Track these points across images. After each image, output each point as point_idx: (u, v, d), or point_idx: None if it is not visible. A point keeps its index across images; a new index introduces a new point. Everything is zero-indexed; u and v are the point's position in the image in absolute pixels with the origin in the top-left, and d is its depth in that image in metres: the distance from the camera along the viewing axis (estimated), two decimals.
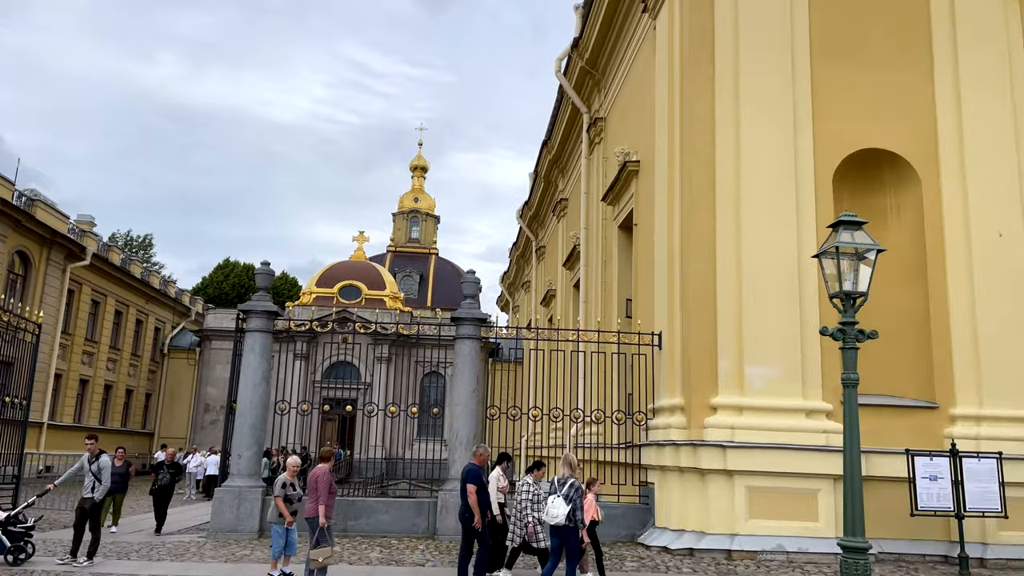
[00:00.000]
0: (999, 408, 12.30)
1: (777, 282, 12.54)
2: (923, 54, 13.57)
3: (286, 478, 9.12)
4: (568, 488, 8.20)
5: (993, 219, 12.90)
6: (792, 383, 12.26)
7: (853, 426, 7.00)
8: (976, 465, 11.29)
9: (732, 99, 13.15)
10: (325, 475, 8.75)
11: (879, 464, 11.78)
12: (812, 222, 12.74)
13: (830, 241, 7.38)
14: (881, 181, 13.62)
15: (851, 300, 7.23)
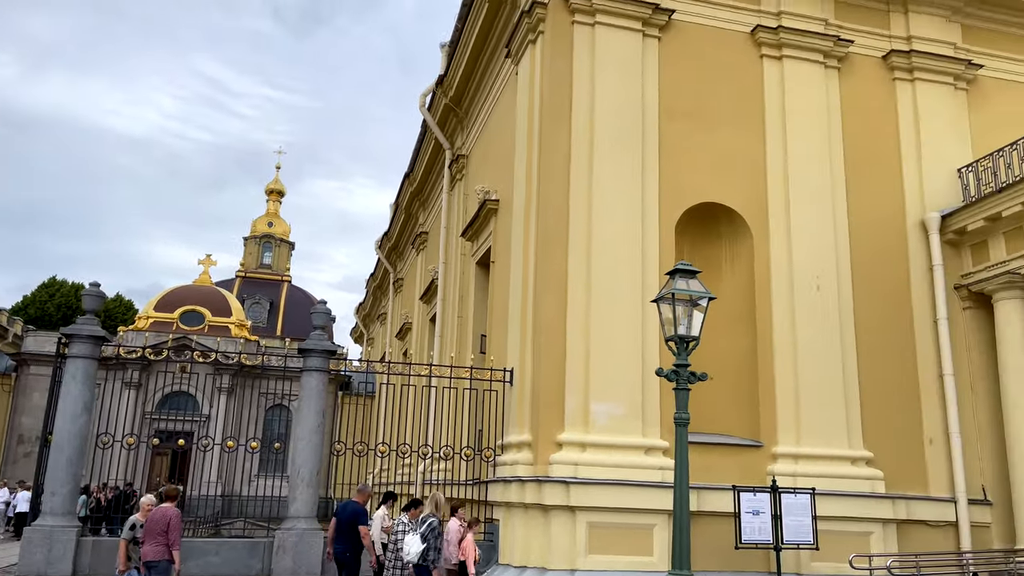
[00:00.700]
0: (814, 447, 13.38)
1: (623, 324, 13.12)
2: (757, 118, 14.81)
3: (137, 518, 8.40)
4: (426, 527, 8.10)
5: (812, 272, 14.15)
6: (633, 421, 12.79)
7: (683, 463, 7.41)
8: (793, 500, 12.19)
9: (587, 147, 13.77)
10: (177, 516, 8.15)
11: (709, 499, 12.45)
12: (656, 268, 13.46)
13: (667, 288, 7.86)
14: (718, 233, 14.65)
15: (684, 344, 7.70)
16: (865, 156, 15.13)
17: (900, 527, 13.36)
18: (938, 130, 15.46)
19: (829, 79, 15.24)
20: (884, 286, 14.58)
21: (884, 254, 14.76)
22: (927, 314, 14.59)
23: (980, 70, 15.97)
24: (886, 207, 15.03)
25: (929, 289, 14.68)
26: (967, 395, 14.30)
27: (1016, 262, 13.74)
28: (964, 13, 16.10)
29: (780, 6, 15.14)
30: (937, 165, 15.27)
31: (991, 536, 13.73)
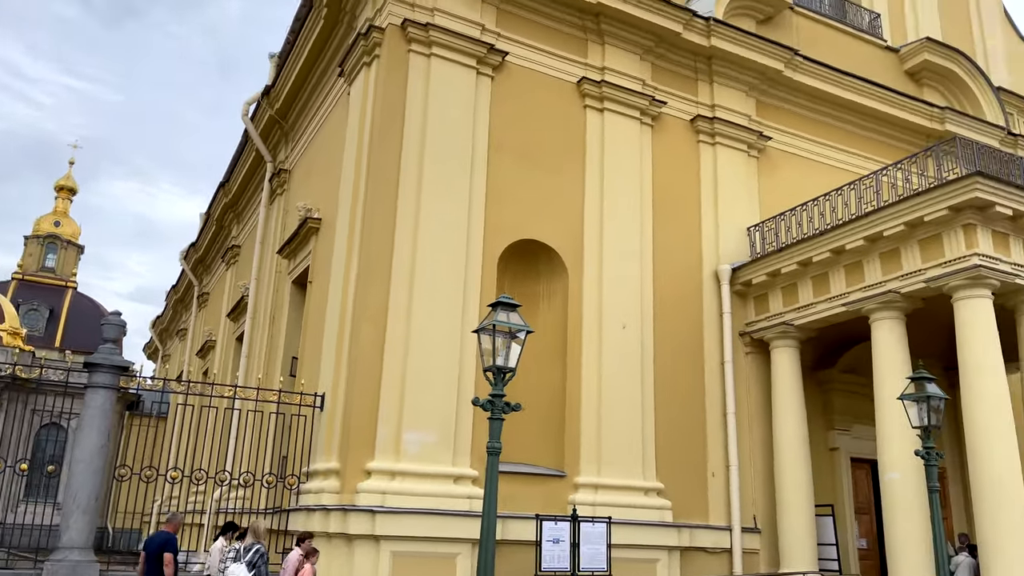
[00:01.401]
0: (613, 477, 14.13)
1: (441, 353, 13.21)
2: (579, 164, 15.66)
3: None
4: (253, 554, 7.67)
5: (619, 312, 15.06)
6: (445, 450, 12.85)
7: (492, 491, 7.56)
8: (591, 528, 12.78)
9: (416, 176, 13.85)
10: None
11: (513, 528, 12.74)
12: (477, 300, 13.73)
13: (488, 319, 8.05)
14: (538, 270, 15.23)
15: (502, 374, 7.91)
16: (671, 209, 16.44)
17: (684, 553, 14.40)
18: (733, 191, 17.16)
19: (644, 135, 16.45)
20: (681, 329, 15.83)
21: (683, 300, 16.04)
22: (716, 357, 15.99)
23: (769, 141, 17.96)
24: (686, 257, 16.39)
25: (719, 334, 16.13)
26: (745, 432, 15.78)
27: (790, 314, 15.46)
28: (759, 90, 18.08)
29: (604, 62, 16.20)
30: (731, 222, 16.91)
31: (759, 561, 15.15)
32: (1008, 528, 11.54)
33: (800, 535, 14.53)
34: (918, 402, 11.01)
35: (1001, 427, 11.97)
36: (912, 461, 12.27)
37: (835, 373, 16.96)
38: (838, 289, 14.61)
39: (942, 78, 20.97)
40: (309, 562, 9.56)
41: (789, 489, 14.82)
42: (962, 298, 12.61)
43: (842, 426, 16.90)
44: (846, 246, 14.16)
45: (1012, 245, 12.84)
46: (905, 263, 13.48)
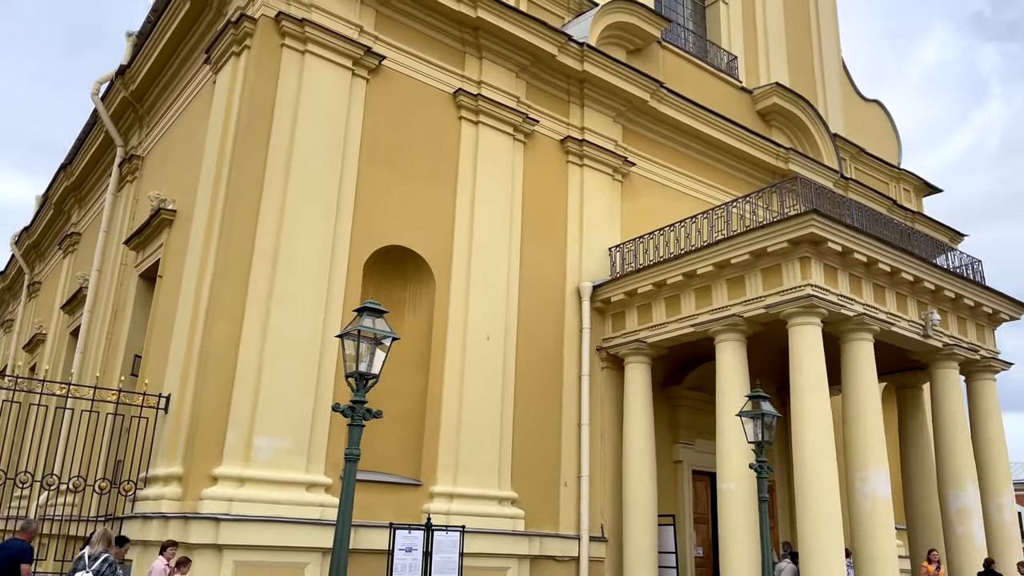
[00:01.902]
0: (468, 487, 14.24)
1: (301, 356, 12.84)
2: (451, 174, 15.74)
3: None
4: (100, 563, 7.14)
5: (484, 323, 15.25)
6: (298, 456, 12.49)
7: (348, 499, 7.44)
8: (444, 537, 12.81)
9: (283, 174, 13.44)
10: None
11: (365, 537, 12.55)
12: (340, 304, 13.47)
13: (353, 324, 7.94)
14: (405, 277, 15.15)
15: (364, 381, 7.81)
16: (539, 225, 16.86)
17: (534, 562, 14.71)
18: (598, 212, 17.82)
19: (516, 151, 16.79)
20: (543, 342, 16.22)
21: (546, 314, 16.45)
22: (574, 371, 16.50)
23: (633, 167, 18.81)
24: (551, 272, 16.84)
25: (578, 349, 16.66)
26: (598, 444, 16.36)
27: (644, 332, 16.23)
28: (626, 117, 18.92)
29: (481, 76, 16.42)
30: (594, 242, 17.55)
31: (604, 569, 15.72)
32: (827, 538, 12.61)
33: (643, 544, 15.21)
34: (754, 419, 11.84)
35: (824, 444, 13.08)
36: (746, 473, 13.17)
37: (682, 390, 17.93)
38: (688, 311, 15.49)
39: (788, 121, 22.79)
40: (180, 572, 9.12)
41: (635, 500, 15.49)
42: (796, 324, 13.71)
43: (686, 440, 17.88)
44: (697, 271, 15.05)
45: (840, 278, 14.12)
46: (749, 290, 14.50)
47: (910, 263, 14.92)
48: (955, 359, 16.25)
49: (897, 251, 14.68)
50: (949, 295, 15.83)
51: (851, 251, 13.89)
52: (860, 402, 13.98)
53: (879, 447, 13.76)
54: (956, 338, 16.23)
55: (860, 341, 14.25)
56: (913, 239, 16.21)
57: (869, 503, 13.43)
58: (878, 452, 13.69)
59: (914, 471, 17.46)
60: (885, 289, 14.94)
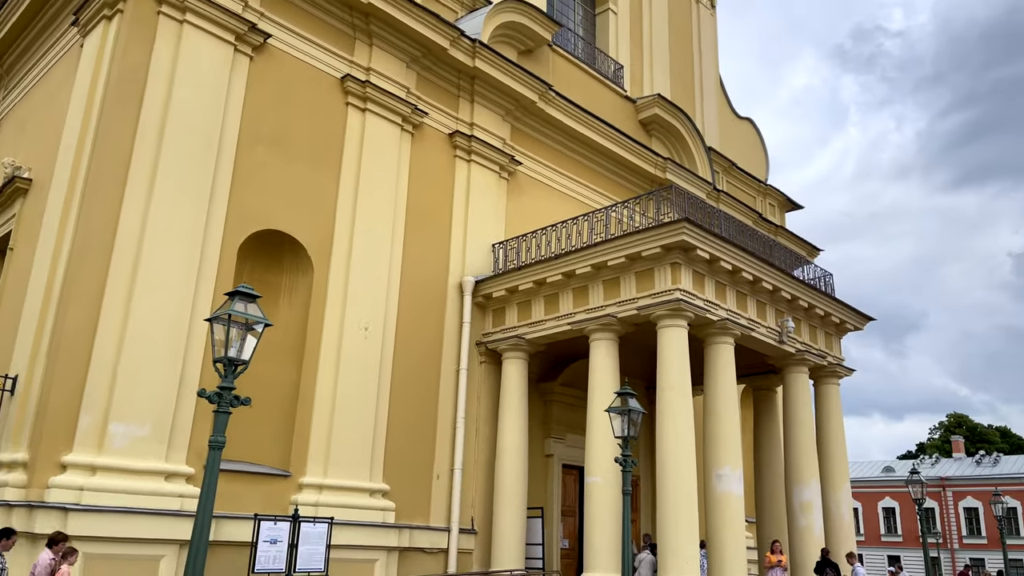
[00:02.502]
0: (338, 478, 14.04)
1: (165, 340, 12.26)
2: (335, 161, 15.45)
3: None
4: None
5: (363, 314, 15.07)
6: (158, 445, 11.93)
7: (211, 487, 7.21)
8: (311, 529, 12.58)
9: (153, 148, 12.78)
10: None
11: (228, 529, 12.15)
12: (211, 288, 12.95)
13: (224, 308, 7.69)
14: (282, 263, 14.73)
15: (233, 367, 7.58)
16: (423, 218, 16.82)
17: (402, 554, 14.69)
18: (483, 208, 17.98)
19: (404, 142, 16.68)
20: (422, 335, 16.21)
21: (427, 307, 16.44)
22: (452, 364, 16.59)
23: (520, 166, 19.09)
24: (434, 266, 16.84)
25: (457, 343, 16.75)
26: (472, 437, 16.52)
27: (523, 328, 16.53)
28: (515, 116, 19.17)
29: (370, 63, 16.20)
30: (478, 237, 17.70)
31: (472, 560, 15.90)
32: (684, 529, 13.29)
33: (511, 536, 15.50)
34: (621, 415, 12.32)
35: (685, 442, 13.79)
36: (612, 467, 13.69)
37: (556, 386, 18.39)
38: (566, 309, 15.92)
39: (667, 132, 23.79)
40: (67, 562, 8.62)
41: (506, 493, 15.76)
42: (665, 326, 14.37)
43: (558, 435, 18.35)
44: (576, 271, 15.49)
45: (707, 284, 14.91)
46: (623, 291, 15.07)
47: (771, 274, 15.94)
48: (806, 364, 17.50)
49: (760, 262, 15.65)
50: (803, 304, 17.03)
51: (718, 259, 14.69)
52: (720, 402, 14.82)
53: (735, 446, 14.64)
54: (807, 345, 17.49)
55: (722, 344, 15.11)
56: (775, 251, 17.32)
57: (723, 498, 14.26)
58: (734, 450, 14.56)
59: (765, 468, 18.67)
60: (747, 296, 15.90)
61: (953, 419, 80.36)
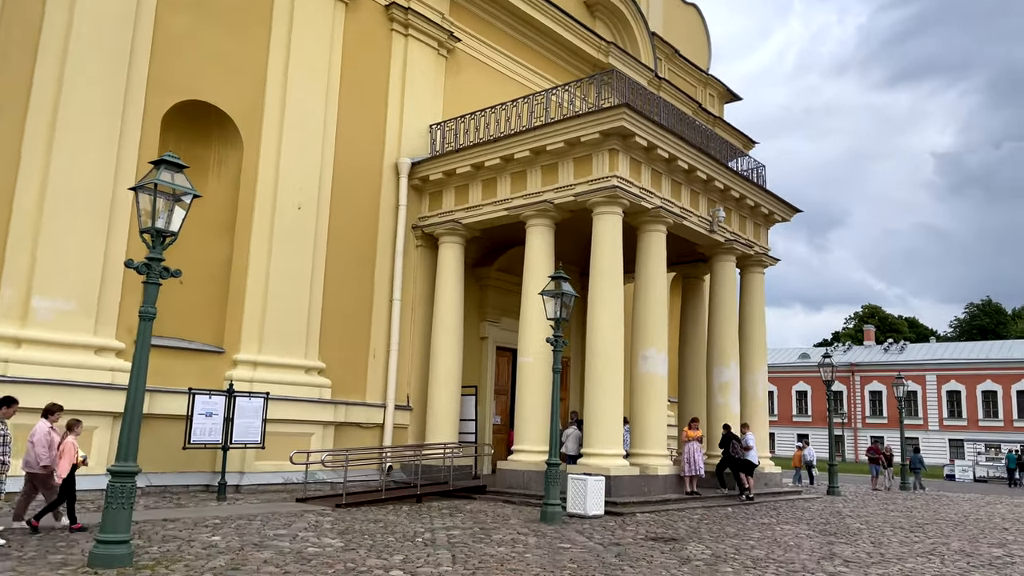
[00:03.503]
0: (273, 355, 14.15)
1: (88, 211, 11.84)
2: (264, 28, 14.68)
3: None
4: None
5: (296, 192, 14.77)
6: (85, 318, 11.74)
7: (143, 359, 7.20)
8: (247, 403, 12.78)
9: (65, 14, 11.91)
10: None
11: (163, 402, 12.25)
12: (135, 157, 12.45)
13: (149, 177, 7.44)
14: (209, 134, 14.19)
15: (161, 238, 7.42)
16: (358, 94, 16.28)
17: (339, 428, 15.10)
18: (420, 86, 17.48)
19: (337, 11, 15.90)
20: (358, 216, 16.04)
21: (362, 187, 16.19)
22: (388, 246, 16.55)
23: (459, 43, 18.49)
24: (369, 145, 16.47)
25: (393, 225, 16.66)
26: (408, 317, 16.74)
27: (460, 213, 16.51)
28: None
29: None
30: (415, 117, 17.29)
31: (408, 435, 16.47)
32: (609, 407, 13.96)
33: (446, 412, 16.05)
34: (554, 297, 12.63)
35: (614, 324, 14.27)
36: (544, 348, 14.14)
37: (492, 271, 18.61)
38: (504, 194, 15.90)
39: (612, 15, 23.23)
40: (73, 434, 8.66)
41: (441, 371, 16.18)
42: (600, 213, 14.55)
43: (493, 318, 18.74)
44: (515, 155, 15.39)
45: (643, 172, 15.05)
46: (561, 177, 15.10)
47: (706, 163, 16.16)
48: (733, 253, 18.09)
49: (696, 151, 15.81)
50: (735, 195, 17.42)
51: (656, 147, 14.78)
52: (649, 288, 15.29)
53: (662, 330, 15.24)
54: (736, 234, 18.01)
55: (655, 232, 15.43)
56: (711, 142, 17.49)
57: (647, 378, 14.96)
58: (660, 334, 15.17)
59: (689, 351, 19.55)
60: (681, 185, 16.15)
61: (867, 310, 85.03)
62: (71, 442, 8.64)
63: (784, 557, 8.92)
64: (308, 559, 7.42)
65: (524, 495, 13.70)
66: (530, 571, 7.30)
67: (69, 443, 8.60)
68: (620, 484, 13.35)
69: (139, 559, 6.97)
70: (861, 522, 13.50)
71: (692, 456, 15.10)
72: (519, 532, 9.96)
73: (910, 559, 9.25)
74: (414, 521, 10.59)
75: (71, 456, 8.56)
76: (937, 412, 56.93)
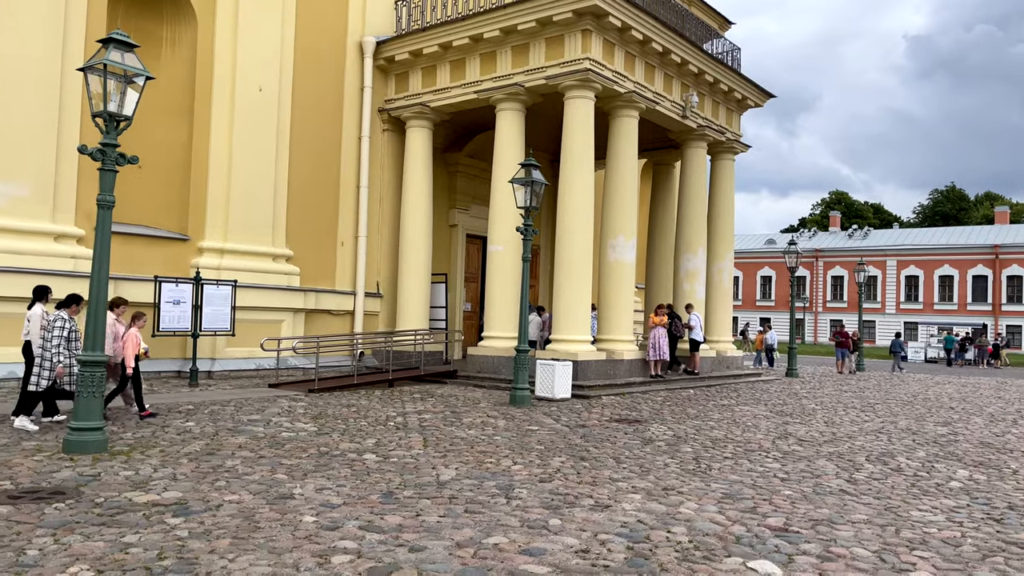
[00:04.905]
0: (239, 243, 13.96)
1: (34, 95, 11.26)
2: None
3: None
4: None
5: (256, 73, 14.15)
6: (41, 205, 11.40)
7: (104, 248, 7.05)
8: (215, 291, 12.70)
9: None
10: None
11: (128, 290, 12.07)
12: (82, 33, 11.75)
13: (98, 57, 7.03)
14: (161, 10, 13.39)
15: (115, 122, 7.10)
16: None
17: (309, 315, 15.15)
18: None
19: None
20: (322, 99, 15.49)
21: (325, 68, 15.55)
22: (354, 131, 16.10)
23: None
24: (331, 22, 15.69)
25: (358, 108, 16.15)
26: (376, 205, 16.53)
27: (427, 96, 16.01)
28: None
29: None
30: None
31: (378, 322, 16.61)
32: (578, 293, 14.13)
33: (416, 299, 16.15)
34: (524, 185, 12.49)
35: (584, 212, 14.22)
36: (514, 236, 14.13)
37: (461, 156, 18.28)
38: (473, 76, 15.39)
39: None
40: (136, 326, 8.89)
41: (410, 259, 16.16)
42: (572, 97, 14.20)
43: (463, 205, 18.57)
44: (484, 34, 14.79)
45: (616, 55, 14.61)
46: (532, 59, 14.60)
47: (681, 45, 15.71)
48: (705, 140, 17.91)
49: (671, 32, 15.33)
50: (709, 79, 17.06)
51: (630, 28, 14.29)
52: (620, 176, 15.16)
53: (631, 217, 15.24)
54: (709, 120, 17.78)
55: (627, 118, 15.16)
56: (686, 23, 16.93)
57: (615, 266, 15.08)
58: (629, 222, 15.18)
59: (657, 238, 19.66)
60: (655, 69, 15.75)
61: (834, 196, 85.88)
62: (134, 333, 8.89)
63: (742, 437, 9.34)
64: (282, 443, 7.59)
65: (494, 379, 14.04)
66: (500, 453, 7.57)
67: (132, 334, 8.85)
68: (587, 368, 13.71)
69: (114, 445, 7.09)
70: (816, 403, 14.12)
71: (657, 341, 15.48)
72: (489, 415, 10.26)
73: (859, 437, 9.75)
74: (386, 405, 10.84)
75: (134, 346, 8.82)
76: (895, 296, 58.75)
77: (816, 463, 7.74)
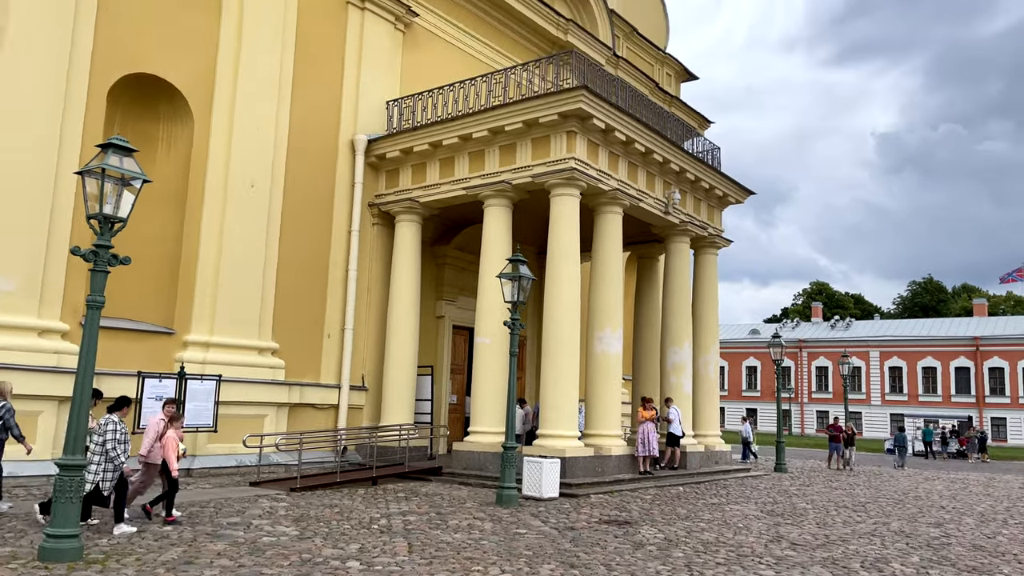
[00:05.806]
0: (226, 336, 13.90)
1: (28, 191, 11.40)
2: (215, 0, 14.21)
3: None
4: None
5: (249, 169, 14.43)
6: (29, 300, 11.37)
7: (91, 347, 7.01)
8: (199, 386, 12.56)
9: None
10: None
11: (113, 385, 11.85)
12: (79, 134, 12.01)
13: (97, 161, 7.18)
14: (157, 111, 13.74)
15: (109, 224, 7.19)
16: (313, 68, 15.91)
17: (292, 410, 14.95)
18: (377, 61, 17.16)
19: None
20: (313, 194, 15.76)
21: (317, 164, 15.89)
22: (344, 225, 16.32)
23: (417, 18, 18.16)
24: (325, 121, 16.15)
25: (349, 203, 16.42)
26: (364, 298, 16.59)
27: (418, 191, 16.34)
28: None
29: None
30: (372, 93, 16.99)
31: (363, 416, 16.40)
32: (565, 386, 14.07)
33: (401, 392, 16.01)
34: (512, 280, 12.63)
35: (571, 305, 14.33)
36: (501, 329, 14.16)
37: (449, 249, 18.51)
38: (461, 173, 15.77)
39: None
40: (173, 428, 8.86)
41: (397, 351, 16.11)
42: (558, 195, 14.54)
43: (450, 297, 18.68)
44: (472, 134, 15.25)
45: (600, 154, 15.07)
46: (519, 158, 15.02)
47: (663, 146, 16.24)
48: (688, 235, 18.29)
49: (653, 134, 15.87)
50: (690, 177, 17.56)
51: (613, 129, 14.80)
52: (605, 270, 15.39)
53: (616, 310, 15.38)
54: (691, 216, 18.20)
55: (611, 214, 15.50)
56: (668, 123, 17.56)
57: (602, 358, 15.11)
58: (615, 314, 15.31)
59: (644, 330, 19.78)
60: (638, 167, 16.22)
61: (815, 287, 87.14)
62: (173, 436, 8.80)
63: (734, 540, 9.16)
64: (263, 550, 7.37)
65: (480, 476, 13.79)
66: (487, 559, 7.38)
67: (171, 436, 8.77)
68: (575, 465, 13.53)
69: (89, 552, 6.85)
70: (807, 501, 13.93)
71: (646, 437, 15.35)
72: (475, 517, 10.03)
73: (853, 540, 9.59)
74: (370, 506, 10.59)
75: (173, 449, 8.74)
76: (880, 387, 58.87)
77: (811, 570, 7.60)
